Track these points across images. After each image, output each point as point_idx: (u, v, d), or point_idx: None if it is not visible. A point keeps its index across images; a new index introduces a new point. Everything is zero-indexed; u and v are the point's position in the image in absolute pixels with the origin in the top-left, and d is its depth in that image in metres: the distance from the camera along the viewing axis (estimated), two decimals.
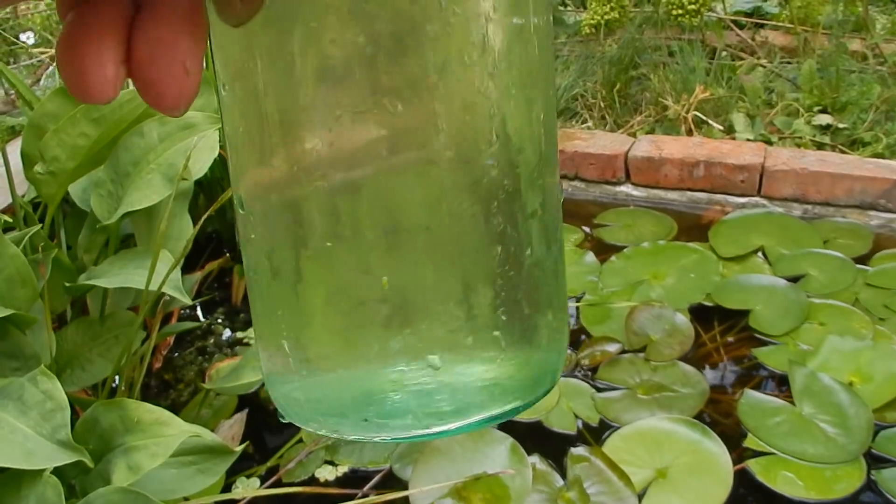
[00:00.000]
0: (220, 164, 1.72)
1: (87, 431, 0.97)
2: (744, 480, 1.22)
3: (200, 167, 1.35)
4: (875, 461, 1.23)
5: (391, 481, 1.29)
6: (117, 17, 0.19)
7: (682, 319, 1.50)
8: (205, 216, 1.29)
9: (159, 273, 1.09)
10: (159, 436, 0.93)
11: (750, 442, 1.27)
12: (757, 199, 1.89)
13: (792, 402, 1.33)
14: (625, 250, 1.72)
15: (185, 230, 1.27)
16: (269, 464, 1.33)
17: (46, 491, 0.84)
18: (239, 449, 1.06)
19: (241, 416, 1.46)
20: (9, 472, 0.91)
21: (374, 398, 0.25)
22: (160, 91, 0.19)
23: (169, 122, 1.25)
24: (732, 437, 1.28)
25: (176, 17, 0.19)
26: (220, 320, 1.76)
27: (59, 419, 0.90)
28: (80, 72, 0.18)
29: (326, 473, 1.31)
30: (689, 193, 1.93)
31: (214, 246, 1.90)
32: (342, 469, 1.31)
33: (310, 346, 0.26)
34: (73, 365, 1.31)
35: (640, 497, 1.19)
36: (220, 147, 1.60)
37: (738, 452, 1.26)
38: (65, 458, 0.87)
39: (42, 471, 0.86)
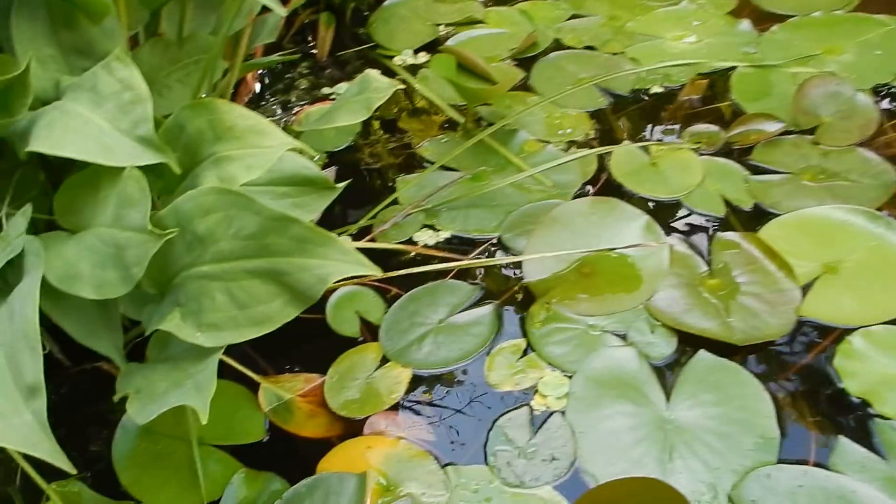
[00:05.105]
0: None
1: (171, 142, 0.80)
2: None
3: None
4: None
5: (500, 249, 1.13)
6: None
7: (865, 100, 1.24)
8: None
9: None
10: (255, 146, 0.76)
11: None
12: None
13: None
14: (790, 19, 1.44)
15: None
16: (361, 223, 1.18)
17: (128, 187, 0.68)
18: (341, 186, 0.90)
19: (331, 172, 1.30)
20: (84, 173, 0.75)
21: None
22: None
23: None
24: None
25: None
26: (304, 73, 1.56)
27: (140, 113, 0.73)
28: None
29: (426, 238, 1.15)
30: None
31: None
32: (443, 234, 1.15)
33: None
34: (150, 89, 1.14)
35: (804, 291, 1.01)
36: None
37: None
38: (147, 158, 0.71)
39: (122, 168, 0.70)
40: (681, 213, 1.15)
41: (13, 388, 0.57)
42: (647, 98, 1.36)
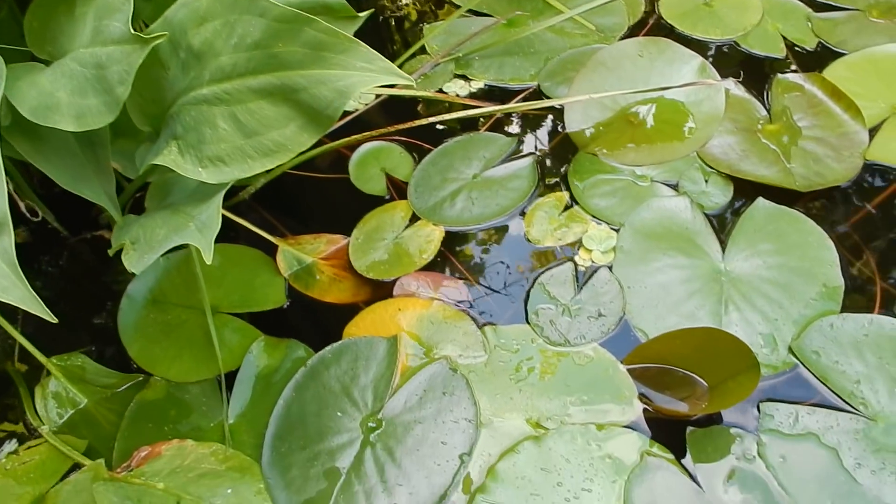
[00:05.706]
0: None
1: None
2: None
3: None
4: None
5: (538, 99, 1.02)
6: None
7: None
8: None
9: None
10: None
11: None
12: None
13: None
14: None
15: None
16: None
17: None
18: (363, 15, 0.78)
19: None
20: None
21: None
22: None
23: None
24: None
25: None
26: None
27: None
28: None
29: (457, 88, 1.04)
30: None
31: None
32: (476, 84, 1.04)
33: None
34: None
35: (871, 133, 0.91)
36: None
37: None
38: None
39: None
40: (738, 54, 1.03)
41: None
42: None
